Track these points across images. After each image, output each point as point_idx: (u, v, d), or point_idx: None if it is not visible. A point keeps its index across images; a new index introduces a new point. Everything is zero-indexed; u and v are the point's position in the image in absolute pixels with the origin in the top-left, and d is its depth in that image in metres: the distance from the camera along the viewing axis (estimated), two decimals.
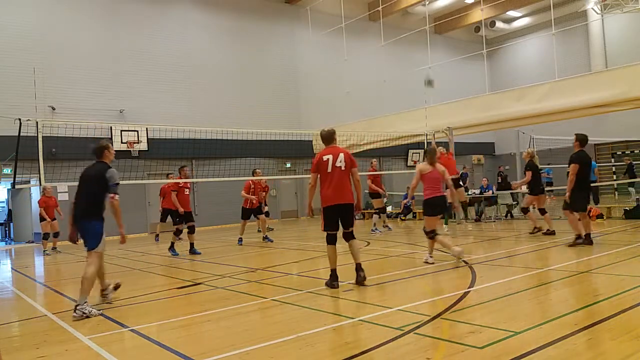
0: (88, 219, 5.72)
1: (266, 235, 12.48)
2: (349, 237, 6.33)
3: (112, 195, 5.70)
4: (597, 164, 23.33)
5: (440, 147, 11.85)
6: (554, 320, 4.17)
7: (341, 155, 6.23)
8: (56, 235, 13.19)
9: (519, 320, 4.25)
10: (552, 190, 19.66)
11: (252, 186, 12.41)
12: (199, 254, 10.52)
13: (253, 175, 12.62)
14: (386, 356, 3.67)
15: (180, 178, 10.60)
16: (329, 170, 6.13)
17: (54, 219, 13.13)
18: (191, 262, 9.70)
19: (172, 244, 10.70)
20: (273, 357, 3.77)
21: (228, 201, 18.26)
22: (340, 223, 6.26)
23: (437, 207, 7.62)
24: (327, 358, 3.74)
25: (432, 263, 7.45)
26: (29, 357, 4.06)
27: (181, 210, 10.51)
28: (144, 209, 18.46)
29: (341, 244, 6.42)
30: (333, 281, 6.10)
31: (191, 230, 10.68)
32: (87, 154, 15.64)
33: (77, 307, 5.31)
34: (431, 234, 7.52)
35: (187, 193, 10.81)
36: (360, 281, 6.14)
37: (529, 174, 10.43)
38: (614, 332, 3.86)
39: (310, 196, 6.47)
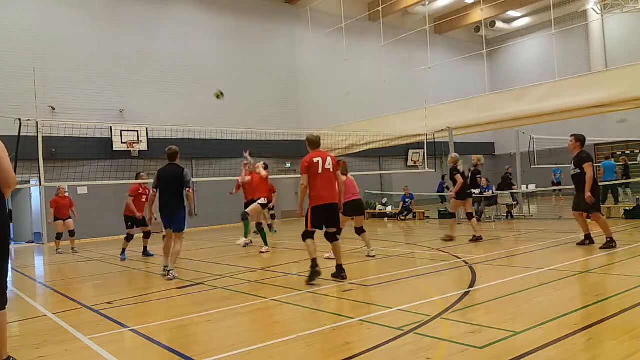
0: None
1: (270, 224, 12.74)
2: (333, 237, 6.67)
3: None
4: (597, 164, 23.36)
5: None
6: (554, 320, 4.17)
7: (328, 158, 6.66)
8: (72, 234, 12.86)
9: (519, 320, 4.25)
10: (560, 190, 19.74)
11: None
12: (152, 255, 10.58)
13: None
14: (386, 356, 3.67)
15: (140, 185, 10.55)
16: (320, 171, 6.51)
17: (68, 218, 12.83)
18: (191, 262, 9.69)
19: (124, 249, 10.64)
20: (273, 357, 3.77)
21: (228, 201, 18.25)
22: (325, 222, 6.62)
23: (352, 209, 8.40)
24: (327, 358, 3.74)
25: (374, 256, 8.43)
26: (29, 357, 4.06)
27: (138, 215, 10.46)
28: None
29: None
30: (316, 267, 6.42)
31: (146, 235, 10.74)
32: (87, 153, 15.65)
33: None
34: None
35: (144, 200, 10.60)
36: (340, 277, 6.51)
37: (458, 177, 10.12)
38: (614, 332, 3.86)
39: (303, 197, 6.71)
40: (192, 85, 19.69)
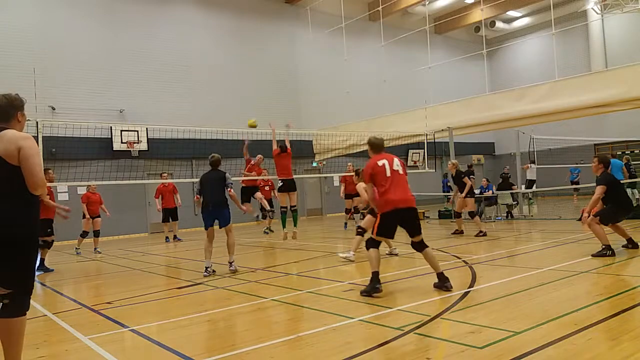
0: None
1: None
2: (421, 246, 5.89)
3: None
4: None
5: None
6: (554, 320, 4.17)
7: (395, 159, 6.02)
8: (97, 234, 12.33)
9: (519, 320, 4.25)
10: (578, 189, 19.75)
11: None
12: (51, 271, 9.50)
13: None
14: (386, 356, 3.67)
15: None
16: (388, 174, 5.83)
17: (97, 216, 12.31)
18: (191, 262, 9.69)
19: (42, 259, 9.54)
20: (273, 357, 3.77)
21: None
22: (405, 230, 5.89)
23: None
24: (327, 358, 3.73)
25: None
26: (29, 357, 4.06)
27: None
28: (144, 209, 18.45)
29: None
30: (376, 284, 5.56)
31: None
32: (87, 153, 15.65)
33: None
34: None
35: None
36: (446, 288, 5.62)
37: (467, 179, 11.36)
38: (614, 332, 3.87)
39: (374, 204, 6.11)
40: (192, 85, 19.68)
